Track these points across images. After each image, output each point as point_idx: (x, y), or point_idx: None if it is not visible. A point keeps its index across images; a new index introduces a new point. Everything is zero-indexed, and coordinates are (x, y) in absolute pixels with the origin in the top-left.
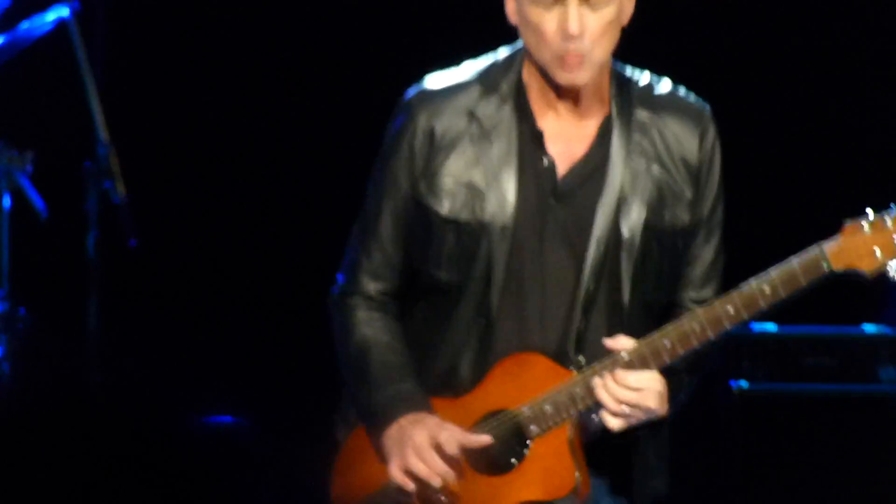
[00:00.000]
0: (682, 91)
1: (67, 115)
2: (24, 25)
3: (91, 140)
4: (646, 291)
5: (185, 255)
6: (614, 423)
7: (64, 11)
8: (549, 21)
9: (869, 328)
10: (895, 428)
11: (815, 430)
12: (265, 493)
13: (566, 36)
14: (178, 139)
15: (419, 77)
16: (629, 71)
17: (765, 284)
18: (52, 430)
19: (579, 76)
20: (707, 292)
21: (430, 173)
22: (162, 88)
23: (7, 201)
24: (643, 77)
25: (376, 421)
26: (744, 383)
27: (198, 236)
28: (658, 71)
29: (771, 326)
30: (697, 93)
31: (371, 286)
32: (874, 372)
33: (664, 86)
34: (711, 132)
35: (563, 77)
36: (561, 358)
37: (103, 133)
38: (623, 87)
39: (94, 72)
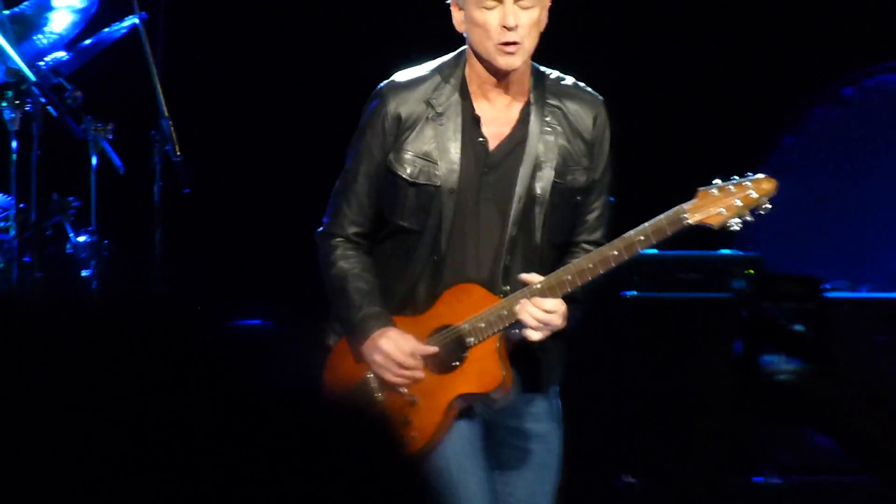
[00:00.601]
0: (581, 84)
1: (138, 96)
2: (107, 30)
3: (156, 114)
4: (552, 235)
5: (225, 199)
6: (534, 336)
7: (135, 20)
8: (491, 18)
9: (724, 252)
10: (737, 323)
11: (685, 328)
12: (281, 382)
13: (505, 28)
14: (218, 114)
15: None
16: (543, 68)
17: (641, 234)
18: (126, 328)
19: (514, 60)
20: (597, 235)
21: (396, 147)
22: (207, 77)
23: (94, 160)
24: (553, 73)
25: (354, 334)
26: (633, 293)
27: (235, 185)
28: (564, 68)
29: (653, 249)
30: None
31: (350, 229)
32: (728, 283)
33: (568, 80)
34: (602, 115)
35: (503, 61)
36: (492, 286)
37: (164, 109)
38: (538, 79)
39: (156, 64)
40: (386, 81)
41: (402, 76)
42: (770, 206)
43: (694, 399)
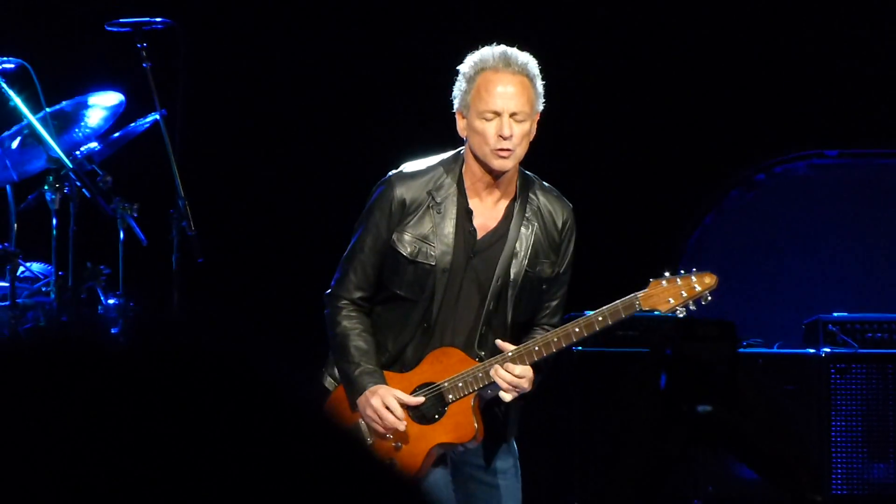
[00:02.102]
0: (556, 191)
1: (159, 180)
2: (133, 124)
3: (173, 195)
4: (519, 314)
5: (234, 268)
6: (506, 397)
7: (156, 116)
8: (489, 128)
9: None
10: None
11: (620, 377)
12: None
13: (501, 137)
14: (228, 195)
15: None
16: (528, 173)
17: (599, 315)
18: (153, 375)
19: (507, 164)
20: (555, 319)
21: (400, 228)
22: (217, 163)
23: (122, 234)
24: (536, 178)
25: (351, 386)
26: (579, 348)
27: (242, 255)
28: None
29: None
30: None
31: (355, 293)
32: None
33: (549, 186)
34: (571, 220)
35: (497, 164)
36: (469, 351)
37: (181, 191)
38: (524, 181)
39: (174, 152)
40: (396, 170)
41: (409, 167)
42: (710, 298)
43: (629, 436)
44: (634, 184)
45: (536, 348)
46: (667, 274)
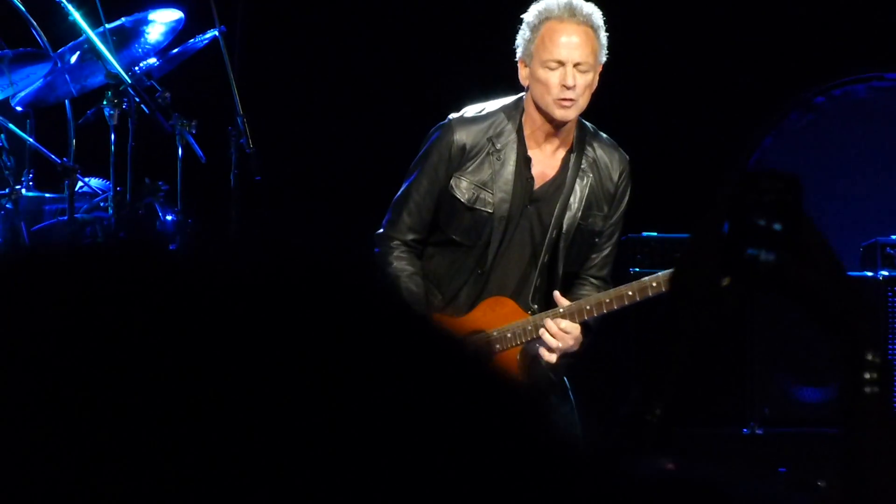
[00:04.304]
0: (614, 142)
1: (218, 97)
2: (192, 40)
3: (232, 112)
4: (569, 265)
5: (293, 186)
6: (548, 357)
7: (215, 32)
8: (553, 77)
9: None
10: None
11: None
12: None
13: (565, 86)
14: (287, 112)
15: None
16: (587, 123)
17: (653, 280)
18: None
19: (569, 113)
20: (604, 273)
21: (458, 174)
22: (275, 81)
23: (180, 151)
24: (594, 128)
25: None
26: (637, 269)
27: (300, 174)
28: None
29: (654, 233)
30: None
31: (408, 235)
32: None
33: (606, 138)
34: (627, 172)
35: (560, 114)
36: (522, 302)
37: (240, 108)
38: (582, 132)
39: (233, 69)
40: (456, 114)
41: (470, 111)
42: None
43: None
44: (695, 109)
45: (588, 307)
46: None
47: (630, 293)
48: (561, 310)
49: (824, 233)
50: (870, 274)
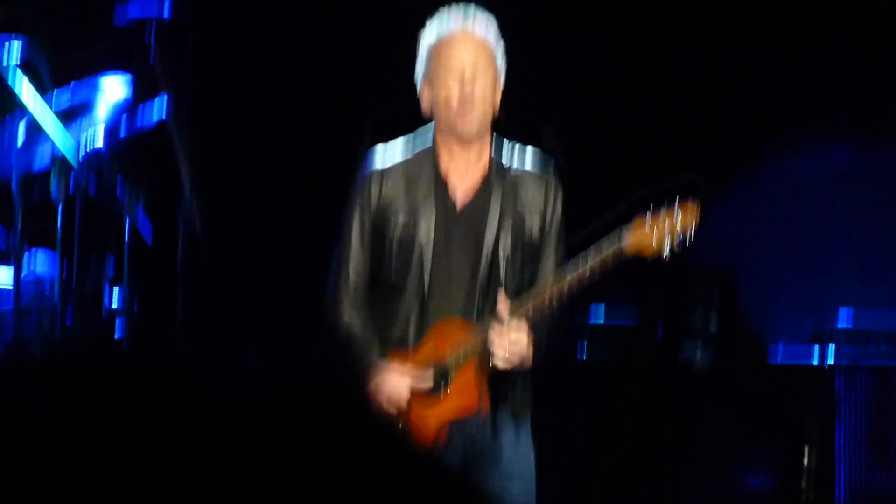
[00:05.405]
0: (536, 150)
1: (166, 177)
2: (140, 120)
3: (181, 193)
4: (514, 278)
5: (240, 267)
6: (501, 363)
7: (163, 114)
8: (452, 92)
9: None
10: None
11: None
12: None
13: (463, 99)
14: (234, 195)
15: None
16: (503, 141)
17: (588, 267)
18: (154, 367)
19: (472, 126)
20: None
21: (379, 214)
22: (225, 160)
23: (127, 231)
24: (512, 144)
25: (360, 381)
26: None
27: (248, 255)
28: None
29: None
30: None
31: (351, 290)
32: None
33: (526, 147)
34: (552, 179)
35: (463, 127)
36: (469, 318)
37: (188, 189)
38: (498, 147)
39: (182, 150)
40: (367, 157)
41: (380, 150)
42: (693, 237)
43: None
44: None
45: (531, 305)
46: (650, 210)
47: (568, 284)
48: (505, 318)
49: (758, 331)
50: (816, 361)
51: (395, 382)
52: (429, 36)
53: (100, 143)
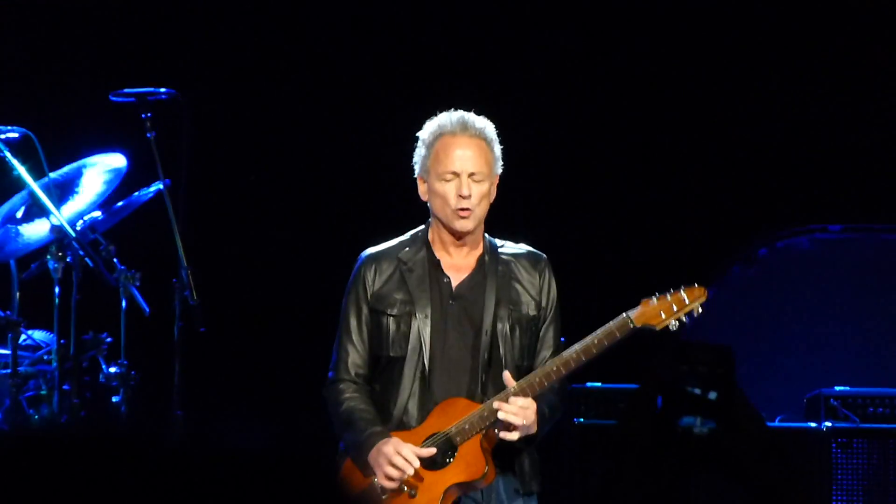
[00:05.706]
0: (526, 246)
1: (162, 250)
2: (136, 193)
3: (176, 265)
4: (514, 356)
5: (236, 338)
6: (508, 437)
7: (160, 186)
8: (449, 189)
9: (628, 386)
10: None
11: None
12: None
13: (461, 196)
14: (230, 266)
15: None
16: (496, 239)
17: (594, 339)
18: (150, 445)
19: (468, 223)
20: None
21: (377, 296)
22: (219, 234)
23: (124, 303)
24: (504, 241)
25: (359, 451)
26: (581, 419)
27: (245, 327)
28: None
29: (596, 384)
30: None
31: (351, 372)
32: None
33: (517, 245)
34: (545, 264)
35: (459, 224)
36: (472, 397)
37: (184, 261)
38: (492, 243)
39: (178, 222)
40: (365, 252)
41: (376, 248)
42: (701, 311)
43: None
44: (636, 260)
45: (537, 379)
46: (656, 294)
47: (574, 355)
48: (512, 389)
49: (754, 406)
50: (813, 425)
51: (401, 448)
52: (430, 131)
53: (98, 215)
